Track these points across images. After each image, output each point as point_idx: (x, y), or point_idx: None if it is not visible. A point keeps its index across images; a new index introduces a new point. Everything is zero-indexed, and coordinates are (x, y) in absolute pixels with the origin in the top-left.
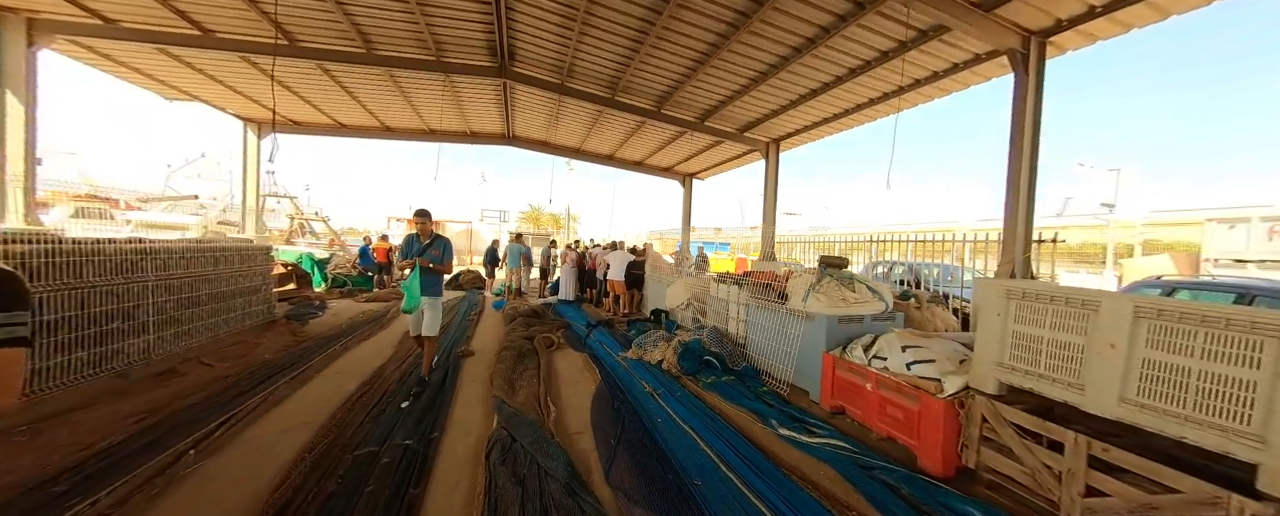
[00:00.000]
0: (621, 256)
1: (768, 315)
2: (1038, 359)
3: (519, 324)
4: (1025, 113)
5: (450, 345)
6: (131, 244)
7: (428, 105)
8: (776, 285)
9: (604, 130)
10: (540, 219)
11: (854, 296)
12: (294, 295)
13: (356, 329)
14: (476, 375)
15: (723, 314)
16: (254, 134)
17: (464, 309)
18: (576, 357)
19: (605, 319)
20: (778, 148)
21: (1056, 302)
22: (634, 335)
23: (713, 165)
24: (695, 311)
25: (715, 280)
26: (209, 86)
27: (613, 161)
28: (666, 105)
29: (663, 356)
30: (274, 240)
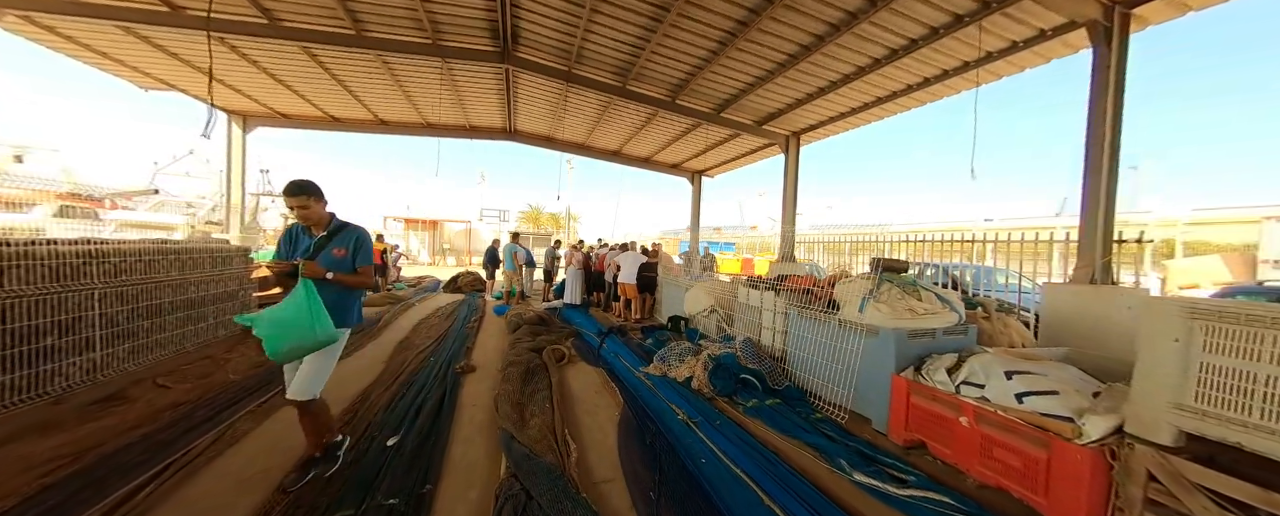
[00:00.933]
0: (633, 257)
1: (813, 326)
2: (1248, 403)
3: (524, 332)
4: (1107, 93)
5: (449, 357)
6: (74, 246)
7: (425, 97)
8: (819, 292)
9: (611, 123)
10: (540, 218)
11: (922, 306)
12: (278, 301)
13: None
14: (478, 396)
15: (754, 323)
16: (238, 127)
17: (464, 314)
18: (592, 374)
19: (617, 326)
20: (798, 141)
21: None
22: (651, 345)
23: (725, 161)
24: (720, 319)
25: (745, 284)
26: (186, 74)
27: (619, 157)
28: (681, 95)
29: (692, 373)
30: (268, 241)
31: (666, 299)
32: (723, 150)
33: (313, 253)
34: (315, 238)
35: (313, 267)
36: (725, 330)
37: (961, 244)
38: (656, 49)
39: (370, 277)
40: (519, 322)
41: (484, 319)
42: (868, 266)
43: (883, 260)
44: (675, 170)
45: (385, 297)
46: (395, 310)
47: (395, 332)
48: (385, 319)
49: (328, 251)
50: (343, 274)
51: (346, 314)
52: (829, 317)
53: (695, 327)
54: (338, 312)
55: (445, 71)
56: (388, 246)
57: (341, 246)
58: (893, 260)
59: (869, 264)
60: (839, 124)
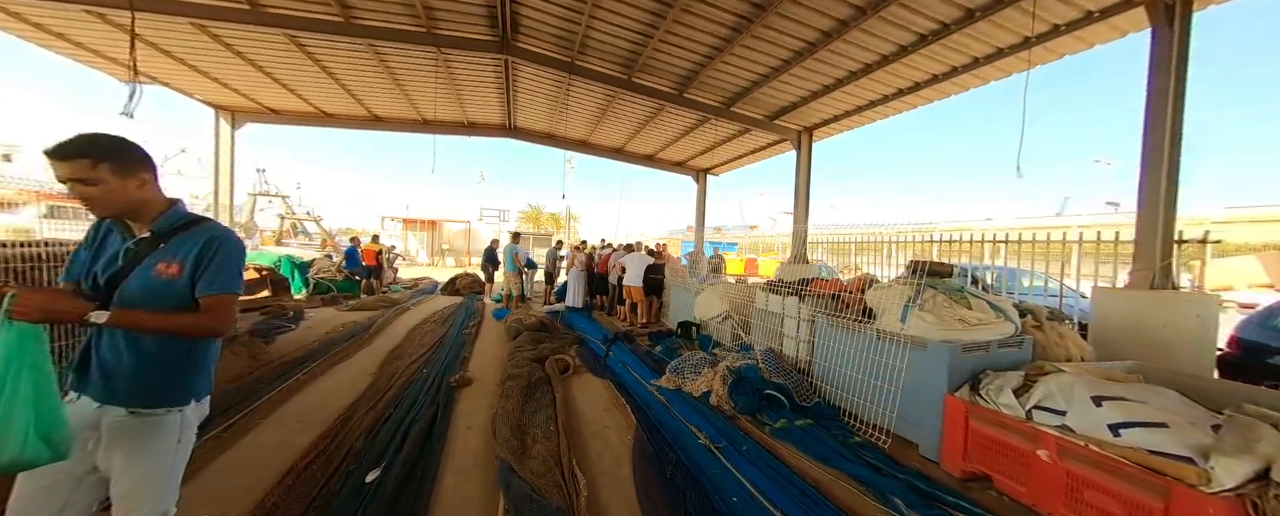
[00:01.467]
0: (639, 258)
1: (846, 337)
2: None
3: (525, 340)
4: (1168, 77)
5: (444, 368)
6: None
7: (421, 91)
8: (849, 298)
9: (615, 119)
10: (540, 218)
11: (974, 316)
12: (268, 304)
13: (331, 348)
14: (474, 416)
15: (774, 331)
16: (227, 123)
17: (460, 319)
18: (599, 387)
19: (623, 332)
20: (810, 137)
21: None
22: (661, 353)
23: (732, 159)
24: (735, 326)
25: (764, 288)
26: (169, 66)
27: (622, 155)
28: (690, 88)
29: (710, 387)
30: (265, 241)
31: (674, 303)
32: (729, 147)
33: (121, 268)
34: (131, 240)
35: (33, 303)
36: (742, 338)
37: (987, 244)
38: (664, 38)
39: (223, 319)
40: (519, 328)
41: (482, 323)
42: (906, 269)
43: (924, 263)
44: (680, 168)
45: (379, 301)
46: (389, 315)
47: (388, 339)
48: (378, 324)
49: (148, 266)
50: (161, 314)
51: (174, 385)
52: (864, 327)
53: (708, 334)
54: (155, 386)
55: (441, 63)
56: (384, 247)
57: (174, 259)
58: (937, 263)
59: (907, 267)
60: (855, 118)
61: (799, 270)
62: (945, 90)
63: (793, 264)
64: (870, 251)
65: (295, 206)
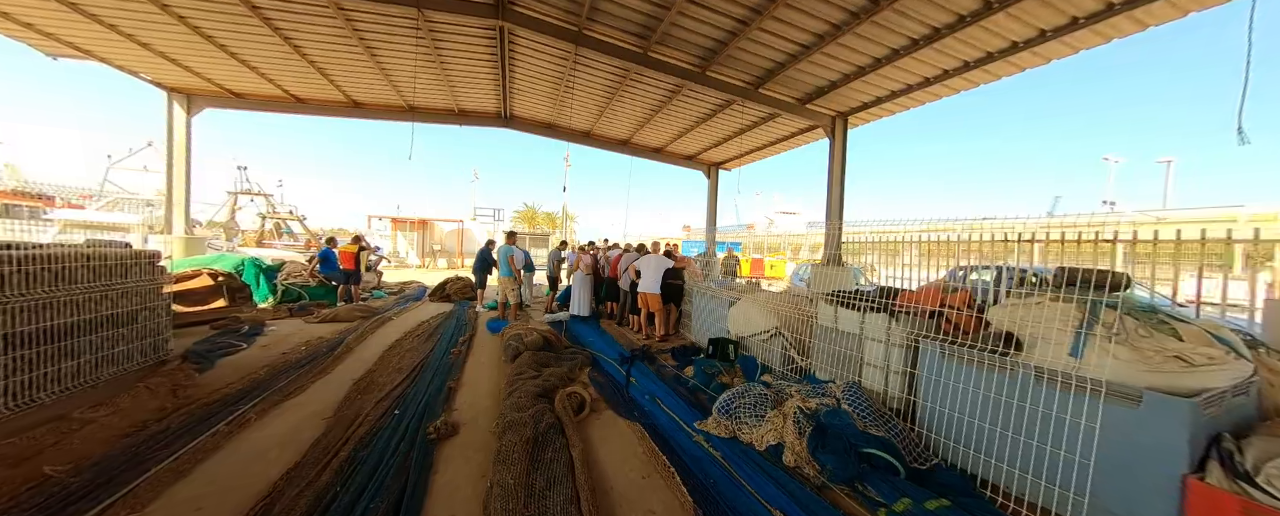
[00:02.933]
0: (656, 261)
1: (970, 373)
2: None
3: (526, 363)
4: None
5: (423, 407)
6: None
7: (404, 72)
8: (957, 317)
9: (623, 105)
10: (536, 218)
11: (1196, 350)
12: (222, 316)
13: (283, 375)
14: (461, 485)
15: (847, 357)
16: (181, 107)
17: (449, 333)
18: (626, 434)
19: (642, 348)
20: (845, 123)
21: None
22: (696, 379)
23: (750, 151)
24: (786, 346)
25: (830, 301)
26: (106, 39)
27: (628, 148)
28: (714, 65)
29: (779, 438)
30: (246, 242)
31: (698, 313)
32: (748, 138)
33: None
34: None
35: None
36: (796, 362)
37: (1093, 243)
38: (687, 5)
39: None
40: (518, 347)
41: (474, 338)
42: (1051, 279)
43: (1078, 271)
44: (690, 162)
45: (356, 311)
46: (365, 327)
47: (357, 362)
48: (349, 341)
49: None
50: None
51: None
52: (1002, 362)
53: (750, 355)
54: None
55: (425, 34)
56: (367, 248)
57: None
58: (1107, 272)
59: (1054, 275)
60: (895, 103)
61: (833, 275)
62: (997, 71)
63: (826, 267)
64: (926, 252)
65: (277, 205)
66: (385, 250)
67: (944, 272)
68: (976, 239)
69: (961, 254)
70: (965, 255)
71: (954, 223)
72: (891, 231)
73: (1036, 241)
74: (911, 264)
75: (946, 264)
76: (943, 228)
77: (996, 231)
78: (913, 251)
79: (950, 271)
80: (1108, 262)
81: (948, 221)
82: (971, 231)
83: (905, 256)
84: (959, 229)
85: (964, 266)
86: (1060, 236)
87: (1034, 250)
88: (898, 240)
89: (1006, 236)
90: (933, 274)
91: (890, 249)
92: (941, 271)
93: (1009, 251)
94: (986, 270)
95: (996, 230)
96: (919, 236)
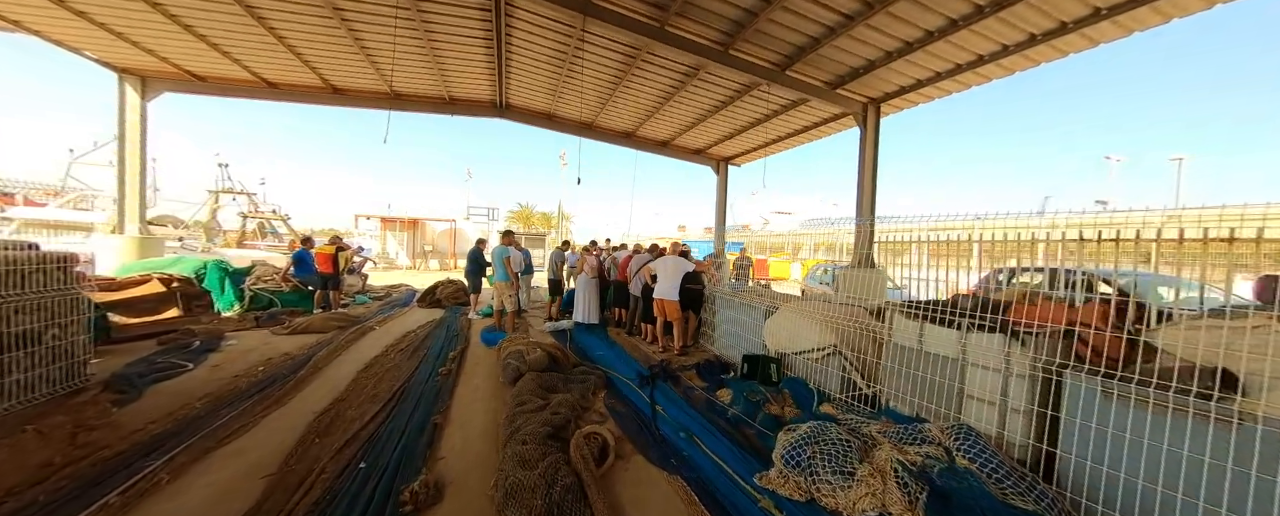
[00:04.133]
0: (674, 263)
1: (1154, 426)
2: None
3: (528, 388)
4: None
5: (397, 460)
6: None
7: (389, 54)
8: (1095, 340)
9: (630, 94)
10: (531, 218)
11: None
12: (173, 327)
13: (226, 408)
14: None
15: (939, 385)
16: (134, 91)
17: (437, 346)
18: (664, 491)
19: (662, 364)
20: (877, 111)
21: None
22: (738, 407)
23: (763, 144)
24: (847, 367)
25: (906, 313)
26: (41, 8)
27: (632, 141)
28: (738, 41)
29: (881, 507)
30: (228, 242)
31: (723, 322)
32: (764, 129)
33: None
34: None
35: None
36: (858, 386)
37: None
38: None
39: None
40: (520, 367)
41: (467, 351)
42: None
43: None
44: (698, 157)
45: (332, 319)
46: (341, 340)
47: (324, 387)
48: (318, 358)
49: None
50: None
51: None
52: (1222, 410)
53: (798, 377)
54: None
55: (414, 12)
56: (349, 249)
57: None
58: None
59: (1258, 283)
60: (929, 90)
61: (865, 278)
62: (1036, 56)
63: (857, 269)
64: (941, 252)
65: (260, 204)
66: (372, 251)
67: (983, 275)
68: (1031, 238)
69: (1004, 255)
70: (1007, 256)
71: (979, 220)
72: (948, 226)
73: (1119, 241)
74: (946, 265)
75: (980, 266)
76: (995, 225)
77: (1063, 229)
78: (973, 251)
79: (991, 273)
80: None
81: (960, 218)
82: (1018, 230)
83: (911, 255)
84: (1000, 227)
85: (1005, 268)
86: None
87: (1082, 250)
88: (956, 238)
89: (1081, 234)
90: (965, 277)
91: (933, 250)
92: (971, 274)
93: (1051, 252)
94: (1035, 272)
95: (1065, 227)
96: (980, 233)
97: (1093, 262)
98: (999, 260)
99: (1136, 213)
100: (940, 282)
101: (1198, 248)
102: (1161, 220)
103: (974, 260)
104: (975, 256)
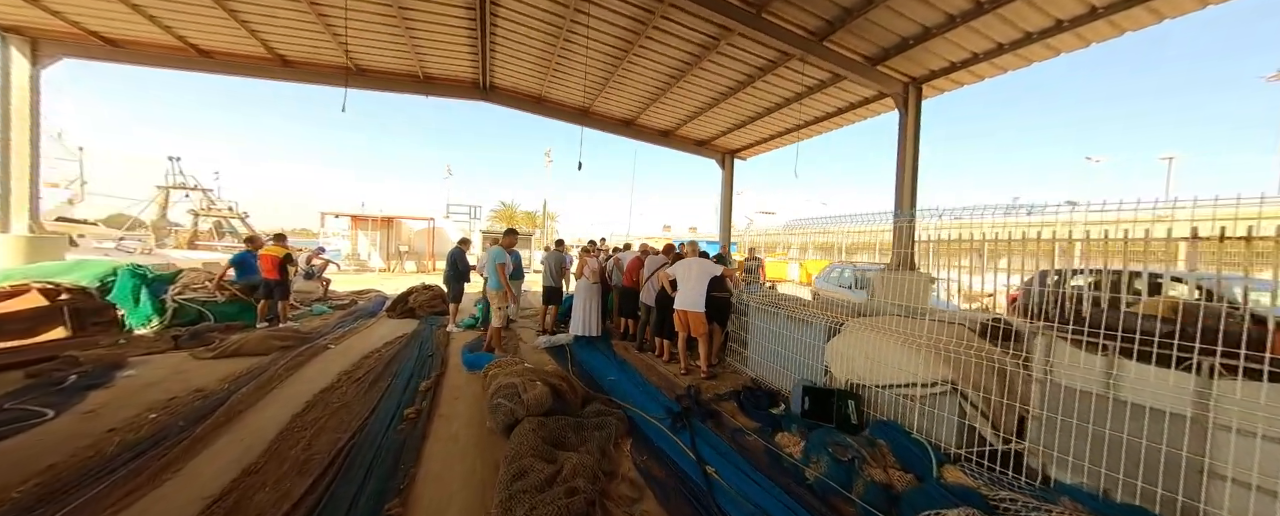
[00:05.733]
0: (698, 267)
1: None
2: None
3: (528, 442)
4: None
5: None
6: None
7: (351, 23)
8: None
9: (632, 74)
10: (515, 217)
11: None
12: (55, 352)
13: (77, 488)
14: None
15: (1150, 452)
16: (22, 55)
17: (406, 372)
18: None
19: (690, 393)
20: (919, 93)
21: None
22: (818, 463)
23: (779, 134)
24: (968, 411)
25: (1086, 343)
26: None
27: (632, 130)
28: (773, 2)
29: None
30: (180, 243)
31: (755, 337)
32: (776, 119)
33: None
34: None
35: None
36: (989, 441)
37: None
38: None
39: None
40: (513, 410)
41: (444, 378)
42: None
43: None
44: (702, 149)
45: (275, 338)
46: (282, 366)
47: (233, 447)
48: (239, 397)
49: None
50: None
51: None
52: None
53: (882, 417)
54: None
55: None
56: (306, 252)
57: None
58: None
59: None
60: (971, 70)
61: (905, 283)
62: (1088, 35)
63: (895, 272)
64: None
65: (216, 201)
66: (341, 253)
67: (1027, 278)
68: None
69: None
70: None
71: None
72: (1049, 223)
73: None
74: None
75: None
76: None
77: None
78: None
79: (1036, 276)
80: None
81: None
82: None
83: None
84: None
85: (1052, 270)
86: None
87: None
88: (1065, 236)
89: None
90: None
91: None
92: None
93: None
94: (1083, 274)
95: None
96: (1084, 230)
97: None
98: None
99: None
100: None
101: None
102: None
103: (1062, 261)
104: (1071, 257)
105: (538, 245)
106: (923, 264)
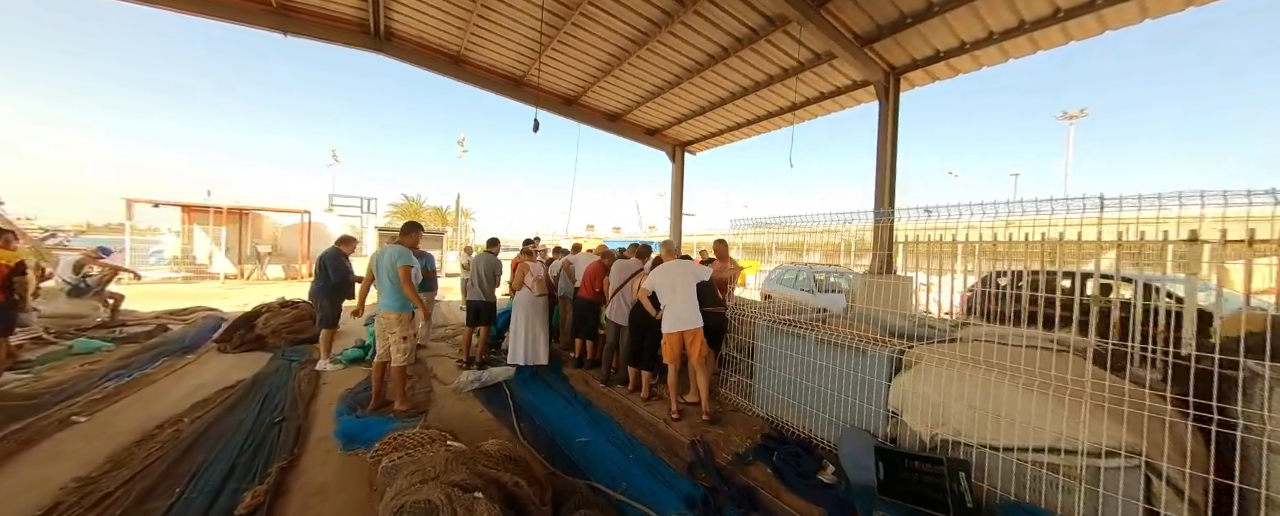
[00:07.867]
0: (683, 271)
1: None
2: None
3: None
4: None
5: None
6: None
7: None
8: None
9: (580, 37)
10: (420, 213)
11: None
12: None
13: None
14: None
15: None
16: None
17: (233, 448)
18: None
19: (703, 456)
20: (898, 83)
21: None
22: None
23: (736, 126)
24: (1166, 497)
25: None
26: None
27: (576, 110)
28: None
29: None
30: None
31: (764, 361)
32: (739, 107)
33: None
34: None
35: None
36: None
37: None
38: None
39: None
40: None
41: (299, 465)
42: None
43: None
44: (652, 139)
45: (45, 390)
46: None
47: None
48: None
49: None
50: None
51: None
52: None
53: (1023, 505)
54: None
55: None
56: (56, 253)
57: None
58: None
59: None
60: (960, 60)
61: (886, 287)
62: (1074, 31)
63: (876, 276)
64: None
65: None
66: (160, 254)
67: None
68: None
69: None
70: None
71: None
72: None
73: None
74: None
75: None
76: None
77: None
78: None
79: (990, 275)
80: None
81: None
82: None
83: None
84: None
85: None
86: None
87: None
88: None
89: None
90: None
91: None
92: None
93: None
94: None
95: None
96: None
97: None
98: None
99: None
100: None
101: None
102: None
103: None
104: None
105: (451, 245)
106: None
